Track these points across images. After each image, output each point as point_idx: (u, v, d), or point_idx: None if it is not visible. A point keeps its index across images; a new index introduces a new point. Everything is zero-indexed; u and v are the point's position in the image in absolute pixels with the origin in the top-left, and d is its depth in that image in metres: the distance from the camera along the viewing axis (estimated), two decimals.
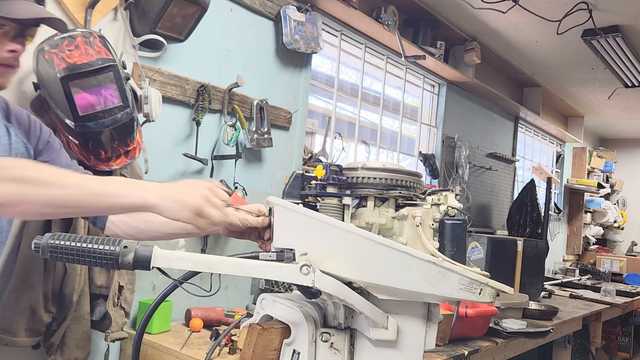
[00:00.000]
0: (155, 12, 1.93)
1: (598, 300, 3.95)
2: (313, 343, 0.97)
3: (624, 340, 4.87)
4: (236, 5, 2.40)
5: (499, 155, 4.73)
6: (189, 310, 2.11)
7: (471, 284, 0.89)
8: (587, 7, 3.19)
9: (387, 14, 3.11)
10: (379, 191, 1.00)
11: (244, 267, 0.90)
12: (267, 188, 2.59)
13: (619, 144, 7.20)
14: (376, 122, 3.57)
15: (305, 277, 0.88)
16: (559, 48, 3.96)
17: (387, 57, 3.50)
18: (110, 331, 1.75)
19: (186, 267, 0.89)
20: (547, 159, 6.11)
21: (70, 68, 1.52)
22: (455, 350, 2.08)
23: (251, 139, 2.40)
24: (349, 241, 0.89)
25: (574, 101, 5.51)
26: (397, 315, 0.95)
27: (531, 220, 4.52)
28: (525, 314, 2.89)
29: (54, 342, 1.65)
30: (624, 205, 7.14)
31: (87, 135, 1.57)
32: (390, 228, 1.02)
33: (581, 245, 6.30)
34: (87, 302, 1.70)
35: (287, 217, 0.94)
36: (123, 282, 1.81)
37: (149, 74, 2.00)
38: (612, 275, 5.43)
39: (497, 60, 4.32)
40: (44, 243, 0.86)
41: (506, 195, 4.95)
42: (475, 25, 3.65)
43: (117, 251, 0.86)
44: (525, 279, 3.42)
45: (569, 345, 3.45)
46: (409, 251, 0.89)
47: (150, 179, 2.04)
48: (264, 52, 2.56)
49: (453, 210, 0.99)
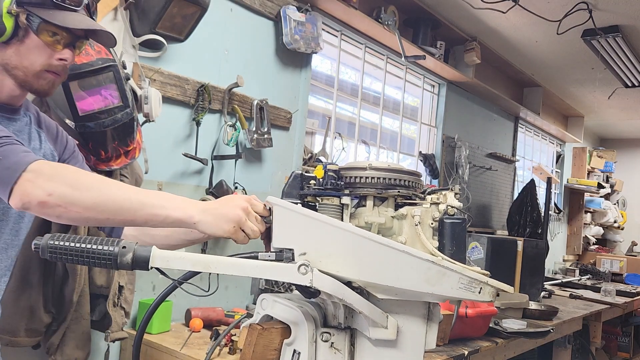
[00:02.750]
0: (155, 12, 1.93)
1: (598, 300, 3.95)
2: (313, 343, 0.97)
3: (624, 340, 4.87)
4: (236, 5, 2.40)
5: (499, 155, 4.73)
6: (189, 310, 2.11)
7: (470, 283, 0.89)
8: (587, 7, 3.19)
9: (387, 14, 3.11)
10: (378, 191, 1.00)
11: (242, 267, 0.90)
12: (267, 188, 2.60)
13: (619, 144, 7.20)
14: (376, 122, 3.57)
15: (304, 277, 0.88)
16: (559, 48, 3.96)
17: (387, 57, 3.50)
18: (110, 331, 1.75)
19: (185, 267, 0.89)
20: (547, 159, 6.11)
21: (70, 68, 1.52)
22: (455, 350, 2.08)
23: (251, 139, 2.40)
24: (348, 241, 0.89)
25: (574, 101, 5.51)
26: (397, 315, 0.95)
27: (531, 220, 4.52)
28: (525, 314, 2.89)
29: (54, 342, 1.65)
30: (624, 205, 7.14)
31: (87, 136, 1.57)
32: (390, 227, 1.02)
33: (581, 245, 6.30)
34: (87, 302, 1.70)
35: (286, 217, 0.94)
36: (123, 282, 1.81)
37: (149, 74, 2.00)
38: (612, 275, 5.43)
39: (497, 60, 4.32)
40: (43, 243, 0.86)
41: (506, 195, 4.95)
42: (475, 25, 3.65)
43: (115, 251, 0.86)
44: (525, 279, 3.41)
45: (569, 345, 3.45)
46: (407, 250, 0.89)
47: (150, 179, 2.04)
48: (264, 52, 2.56)
49: (452, 209, 0.99)
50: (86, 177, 0.98)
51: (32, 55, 1.13)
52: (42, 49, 1.13)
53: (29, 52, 1.12)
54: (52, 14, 1.11)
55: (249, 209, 1.00)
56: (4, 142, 0.97)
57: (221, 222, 0.97)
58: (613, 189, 6.83)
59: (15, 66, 1.13)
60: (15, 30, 1.10)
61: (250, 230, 0.99)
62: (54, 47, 1.13)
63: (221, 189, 2.26)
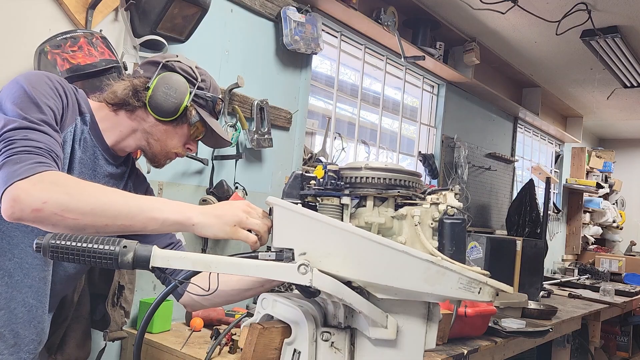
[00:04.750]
0: (155, 13, 1.94)
1: (597, 299, 3.95)
2: (314, 342, 0.97)
3: (622, 340, 4.88)
4: (236, 6, 2.40)
5: (498, 156, 4.74)
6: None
7: (470, 283, 0.89)
8: (586, 8, 3.20)
9: (387, 14, 3.12)
10: (378, 191, 1.01)
11: (242, 266, 0.90)
12: (267, 188, 2.60)
13: (618, 144, 7.21)
14: (376, 122, 3.57)
15: (303, 277, 0.88)
16: (558, 48, 3.97)
17: (386, 58, 3.51)
18: (109, 330, 1.75)
19: (185, 267, 0.89)
20: (546, 159, 6.11)
21: (73, 69, 1.53)
22: (454, 349, 2.09)
23: (251, 139, 2.40)
24: (347, 241, 0.90)
25: (573, 101, 5.51)
26: (397, 315, 0.95)
27: (530, 220, 4.53)
28: (524, 314, 2.89)
29: (54, 342, 1.65)
30: (623, 205, 7.14)
31: None
32: (390, 227, 1.02)
33: (580, 245, 6.31)
34: (88, 302, 1.70)
35: (286, 217, 0.94)
36: (123, 282, 1.81)
37: None
38: (611, 274, 5.44)
39: (496, 60, 4.33)
40: (45, 243, 0.86)
41: (505, 195, 4.96)
42: (474, 25, 3.65)
43: (116, 251, 0.86)
44: (524, 278, 3.42)
45: (567, 344, 3.46)
46: (407, 250, 0.89)
47: (151, 179, 2.04)
48: (264, 53, 2.57)
49: (452, 209, 0.99)
50: (82, 184, 0.98)
51: (176, 139, 1.28)
52: (184, 137, 1.29)
53: (175, 136, 1.27)
54: (209, 118, 1.29)
55: (249, 209, 1.02)
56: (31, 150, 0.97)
57: (222, 223, 0.99)
58: (612, 189, 6.84)
59: (157, 140, 1.25)
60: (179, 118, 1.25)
61: (255, 224, 1.01)
62: (189, 139, 1.30)
63: (222, 189, 2.27)
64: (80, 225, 0.95)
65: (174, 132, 1.27)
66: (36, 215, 0.92)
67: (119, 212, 0.95)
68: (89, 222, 0.95)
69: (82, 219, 0.94)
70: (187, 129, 1.28)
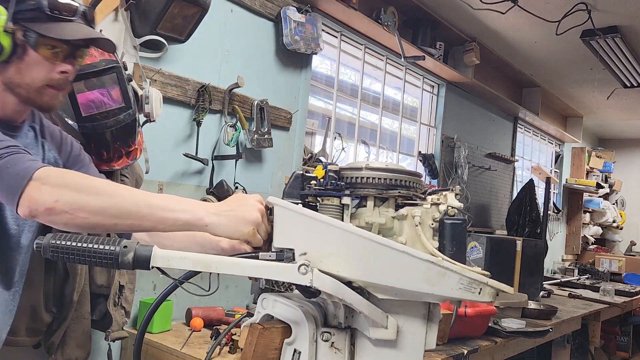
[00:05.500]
0: (155, 13, 1.94)
1: (597, 299, 3.95)
2: (314, 342, 0.97)
3: (623, 340, 4.88)
4: (236, 6, 2.40)
5: (498, 156, 4.74)
6: (189, 310, 2.12)
7: (471, 283, 0.89)
8: (586, 8, 3.20)
9: (387, 14, 3.12)
10: (378, 191, 1.01)
11: (243, 266, 0.90)
12: (267, 188, 2.60)
13: (618, 144, 7.21)
14: (376, 122, 3.57)
15: (304, 277, 0.88)
16: (558, 48, 3.97)
17: (386, 58, 3.51)
18: (111, 330, 1.75)
19: (186, 267, 0.89)
20: (546, 159, 6.12)
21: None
22: (454, 349, 2.09)
23: (251, 139, 2.40)
24: (348, 241, 0.90)
25: (573, 101, 5.51)
26: (398, 315, 0.95)
27: (530, 220, 4.53)
28: (524, 314, 2.90)
29: (55, 342, 1.66)
30: (623, 205, 7.14)
31: (89, 136, 1.57)
32: (390, 228, 1.02)
33: (580, 245, 6.31)
34: (88, 302, 1.71)
35: (286, 217, 0.94)
36: (124, 282, 1.81)
37: (149, 74, 2.01)
38: (611, 274, 5.44)
39: (496, 60, 4.33)
40: (45, 243, 0.86)
41: (505, 195, 4.96)
42: (474, 25, 3.65)
43: (117, 251, 0.86)
44: (524, 278, 3.42)
45: (568, 344, 3.46)
46: (407, 251, 0.89)
47: (151, 179, 2.04)
48: (264, 53, 2.57)
49: (453, 209, 0.99)
50: (92, 182, 0.97)
51: (33, 71, 1.11)
52: (42, 64, 1.11)
53: (29, 69, 1.11)
54: (49, 27, 1.09)
55: (263, 210, 0.98)
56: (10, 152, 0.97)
57: (239, 224, 0.94)
58: (612, 189, 6.84)
59: (17, 84, 1.12)
60: (13, 48, 1.08)
61: (264, 232, 0.98)
62: (53, 61, 1.12)
63: (222, 189, 2.27)
64: (91, 224, 0.94)
65: (24, 65, 1.10)
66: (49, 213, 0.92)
67: (129, 211, 0.93)
68: (99, 221, 0.93)
69: (92, 218, 0.93)
70: (37, 54, 1.10)
